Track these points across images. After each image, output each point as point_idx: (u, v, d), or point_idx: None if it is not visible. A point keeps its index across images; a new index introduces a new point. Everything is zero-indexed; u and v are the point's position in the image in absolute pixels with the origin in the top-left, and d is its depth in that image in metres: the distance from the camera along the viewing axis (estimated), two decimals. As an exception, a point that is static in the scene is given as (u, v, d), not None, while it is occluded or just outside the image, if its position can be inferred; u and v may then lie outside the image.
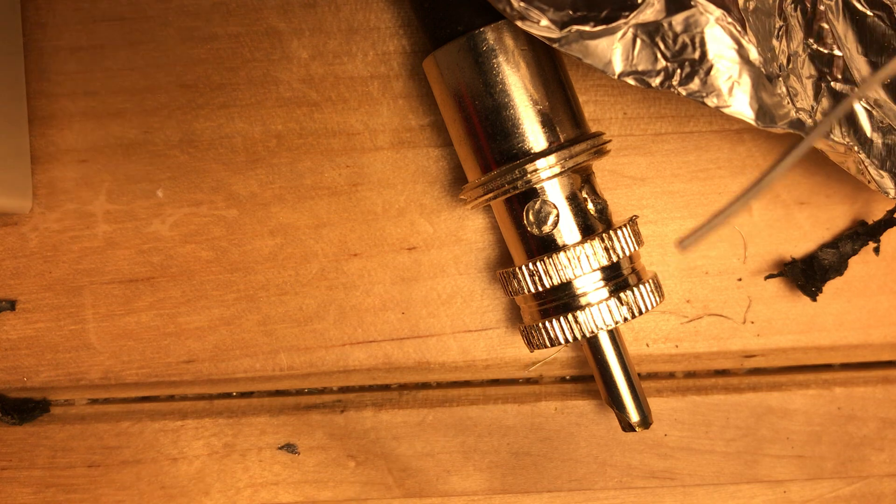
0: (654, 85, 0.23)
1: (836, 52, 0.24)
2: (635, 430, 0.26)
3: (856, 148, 0.24)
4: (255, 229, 0.29)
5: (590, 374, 0.29)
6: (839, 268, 0.28)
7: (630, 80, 0.23)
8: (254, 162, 0.28)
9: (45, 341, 0.29)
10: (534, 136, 0.24)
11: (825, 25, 0.24)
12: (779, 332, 0.29)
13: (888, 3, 0.24)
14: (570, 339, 0.25)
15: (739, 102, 0.23)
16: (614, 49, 0.22)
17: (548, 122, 0.24)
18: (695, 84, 0.23)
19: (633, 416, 0.26)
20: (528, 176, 0.24)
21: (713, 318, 0.29)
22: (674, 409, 0.29)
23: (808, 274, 0.28)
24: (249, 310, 0.29)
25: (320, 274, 0.29)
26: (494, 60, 0.24)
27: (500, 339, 0.29)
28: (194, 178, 0.29)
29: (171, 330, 0.29)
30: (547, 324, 0.25)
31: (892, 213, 0.27)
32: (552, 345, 0.25)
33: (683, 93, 0.23)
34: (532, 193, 0.24)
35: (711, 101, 0.23)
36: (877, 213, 0.28)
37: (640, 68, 0.23)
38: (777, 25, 0.24)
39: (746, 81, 0.23)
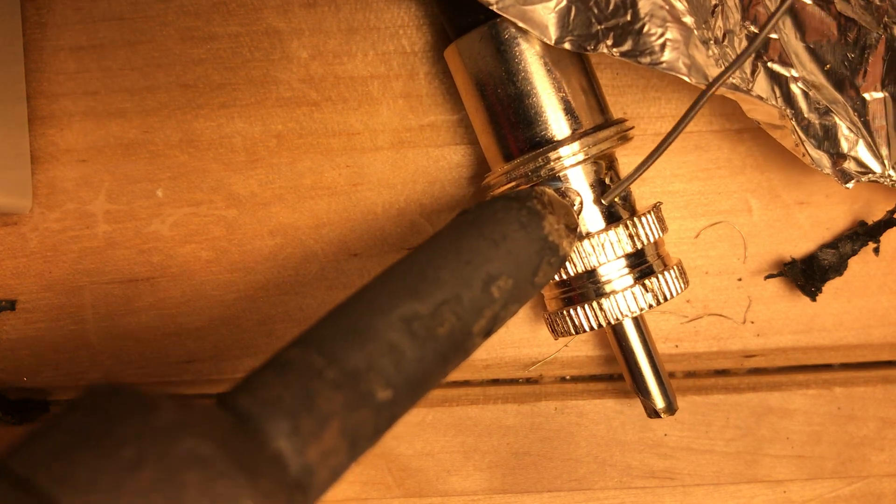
0: (589, 49, 0.23)
1: (773, 36, 0.24)
2: (661, 417, 0.26)
3: (788, 113, 0.24)
4: (255, 229, 0.29)
5: (590, 374, 0.29)
6: (839, 268, 0.28)
7: (567, 46, 0.23)
8: (254, 162, 0.28)
9: (45, 341, 0.29)
10: (557, 123, 0.24)
11: (761, 10, 0.24)
12: (779, 332, 0.29)
13: None
14: (595, 326, 0.24)
15: (672, 59, 0.23)
16: (550, 16, 0.23)
17: (571, 110, 0.24)
18: (628, 45, 0.23)
19: (659, 402, 0.26)
20: (552, 164, 0.24)
21: (713, 318, 0.29)
22: (674, 409, 0.29)
23: (807, 274, 0.28)
24: (249, 310, 0.29)
25: (320, 274, 0.29)
26: (517, 48, 0.24)
27: (500, 339, 0.29)
28: (194, 178, 0.29)
29: (171, 330, 0.29)
30: (571, 311, 0.25)
31: (892, 213, 0.27)
32: (577, 332, 0.25)
33: (617, 54, 0.23)
34: (556, 181, 0.24)
35: (644, 60, 0.23)
36: (877, 213, 0.28)
37: (576, 34, 0.23)
38: (713, 3, 0.24)
39: (678, 39, 0.23)
